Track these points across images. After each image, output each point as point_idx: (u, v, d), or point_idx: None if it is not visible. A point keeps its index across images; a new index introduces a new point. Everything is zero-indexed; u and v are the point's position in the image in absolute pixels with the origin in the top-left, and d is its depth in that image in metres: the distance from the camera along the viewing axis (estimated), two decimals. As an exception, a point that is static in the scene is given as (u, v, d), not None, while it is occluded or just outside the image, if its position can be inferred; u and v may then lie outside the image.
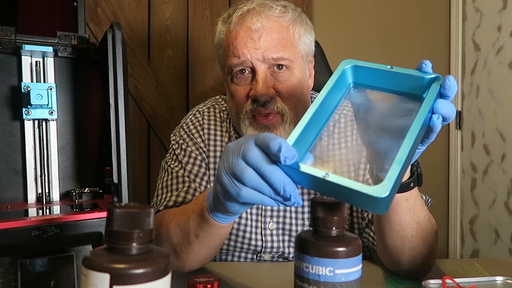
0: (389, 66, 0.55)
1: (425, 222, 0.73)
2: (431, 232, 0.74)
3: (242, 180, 0.53)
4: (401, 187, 0.66)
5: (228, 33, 0.90)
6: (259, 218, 0.96)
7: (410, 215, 0.70)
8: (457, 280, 0.68)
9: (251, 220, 0.96)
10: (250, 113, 0.88)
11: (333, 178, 0.46)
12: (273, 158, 0.50)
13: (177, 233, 0.75)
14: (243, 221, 0.96)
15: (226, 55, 0.91)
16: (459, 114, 2.16)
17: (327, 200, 0.51)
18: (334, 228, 0.51)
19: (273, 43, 0.86)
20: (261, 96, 0.85)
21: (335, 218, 0.51)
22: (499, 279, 0.70)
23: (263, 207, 0.96)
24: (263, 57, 0.86)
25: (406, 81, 0.54)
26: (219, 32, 0.94)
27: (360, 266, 0.51)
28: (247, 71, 0.88)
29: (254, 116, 0.88)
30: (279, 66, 0.88)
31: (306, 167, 0.48)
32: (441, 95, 0.53)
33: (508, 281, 0.70)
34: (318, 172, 0.47)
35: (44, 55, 0.69)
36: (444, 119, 0.54)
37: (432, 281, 0.69)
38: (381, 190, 0.42)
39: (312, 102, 0.55)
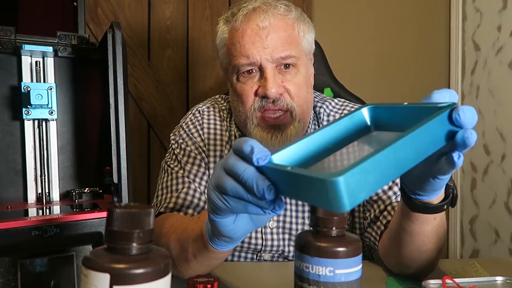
0: (406, 103, 0.52)
1: (444, 234, 0.73)
2: (444, 240, 0.75)
3: (224, 190, 0.52)
4: (435, 208, 0.64)
5: (233, 31, 0.89)
6: None
7: (434, 231, 0.69)
8: (457, 280, 0.68)
9: None
10: (259, 110, 0.88)
11: (295, 169, 0.44)
12: (248, 159, 0.49)
13: (176, 248, 0.75)
14: None
15: (231, 54, 0.90)
16: (459, 114, 2.15)
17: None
18: (334, 228, 0.51)
19: (280, 42, 0.87)
20: (271, 93, 0.85)
21: (335, 218, 0.51)
22: (499, 279, 0.70)
23: None
24: (271, 57, 0.86)
25: (421, 114, 0.49)
26: (222, 31, 0.93)
27: (360, 266, 0.51)
28: (254, 71, 0.88)
29: (262, 116, 0.88)
30: (286, 66, 0.88)
31: (275, 164, 0.47)
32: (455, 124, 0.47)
33: (508, 281, 0.70)
34: (284, 167, 0.46)
35: (44, 55, 0.69)
36: (459, 146, 0.47)
37: (432, 281, 0.69)
38: (332, 175, 0.39)
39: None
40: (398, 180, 0.85)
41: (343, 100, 1.06)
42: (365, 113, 0.56)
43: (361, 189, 0.40)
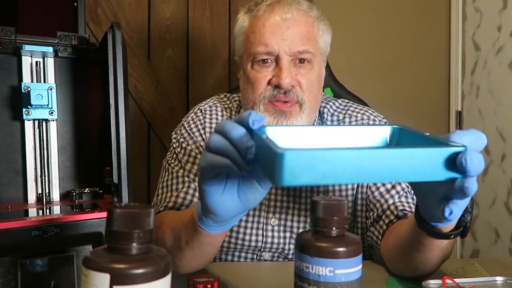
0: (427, 133, 0.52)
1: (451, 249, 0.72)
2: (451, 251, 0.74)
3: (209, 146, 0.54)
4: (443, 235, 0.63)
5: (255, 20, 0.91)
6: (262, 214, 0.96)
7: (441, 249, 0.69)
8: (457, 280, 0.68)
9: (254, 216, 0.96)
10: (268, 99, 0.89)
11: (266, 139, 0.46)
12: (242, 123, 0.52)
13: (170, 238, 0.75)
14: (244, 218, 0.96)
15: (249, 41, 0.91)
16: (459, 114, 2.16)
17: (327, 200, 0.51)
18: (334, 228, 0.51)
19: (299, 36, 0.88)
20: (285, 83, 0.86)
21: (335, 218, 0.51)
22: (499, 279, 0.70)
23: (268, 203, 0.96)
24: (289, 49, 0.88)
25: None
26: (242, 20, 0.95)
27: (360, 266, 0.51)
28: (270, 61, 0.89)
29: (270, 101, 0.89)
30: (301, 60, 0.90)
31: (261, 131, 0.50)
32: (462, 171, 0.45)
33: (508, 281, 0.70)
34: (263, 134, 0.48)
35: (44, 55, 0.69)
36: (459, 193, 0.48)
37: (432, 281, 0.69)
38: (281, 149, 0.41)
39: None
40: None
41: (346, 100, 1.07)
42: (387, 132, 0.56)
43: (304, 172, 0.41)
